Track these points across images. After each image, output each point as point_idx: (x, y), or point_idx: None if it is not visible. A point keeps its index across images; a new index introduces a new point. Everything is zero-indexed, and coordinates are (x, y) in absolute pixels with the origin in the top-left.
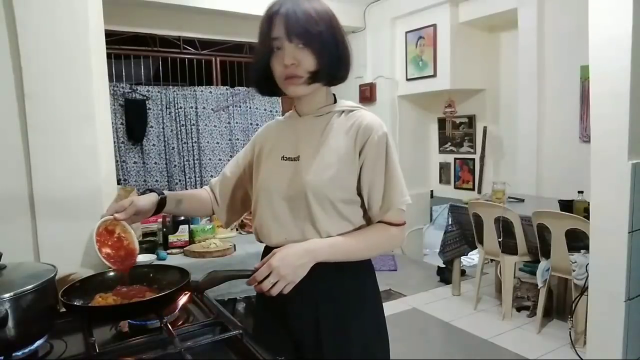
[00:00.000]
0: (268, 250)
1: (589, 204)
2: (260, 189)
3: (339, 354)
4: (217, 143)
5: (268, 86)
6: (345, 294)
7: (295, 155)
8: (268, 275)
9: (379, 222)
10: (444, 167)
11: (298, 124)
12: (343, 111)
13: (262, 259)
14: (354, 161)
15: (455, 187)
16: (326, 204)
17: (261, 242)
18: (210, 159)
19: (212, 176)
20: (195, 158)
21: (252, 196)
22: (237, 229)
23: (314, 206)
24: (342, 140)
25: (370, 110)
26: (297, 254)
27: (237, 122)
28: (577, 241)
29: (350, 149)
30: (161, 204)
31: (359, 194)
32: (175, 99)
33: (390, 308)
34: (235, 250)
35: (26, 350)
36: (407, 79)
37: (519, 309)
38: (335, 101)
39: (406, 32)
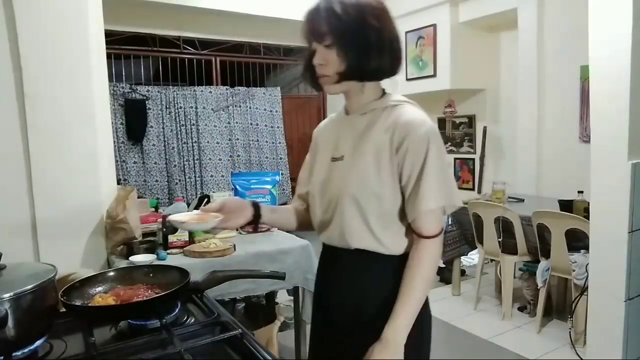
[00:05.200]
0: (325, 247)
1: (589, 204)
2: (311, 189)
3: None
4: (217, 143)
5: (318, 83)
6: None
7: (339, 155)
8: None
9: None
10: None
11: (343, 123)
12: (387, 107)
13: (321, 258)
14: (391, 162)
15: None
16: (354, 212)
17: None
18: (210, 159)
19: (212, 176)
20: (195, 158)
21: None
22: (237, 229)
23: (345, 212)
24: (380, 138)
25: None
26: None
27: (237, 122)
28: (577, 241)
29: (386, 148)
30: (256, 209)
31: (402, 200)
32: (175, 99)
33: None
34: (235, 250)
35: (26, 350)
36: (407, 79)
37: (519, 309)
38: (383, 96)
39: (406, 32)
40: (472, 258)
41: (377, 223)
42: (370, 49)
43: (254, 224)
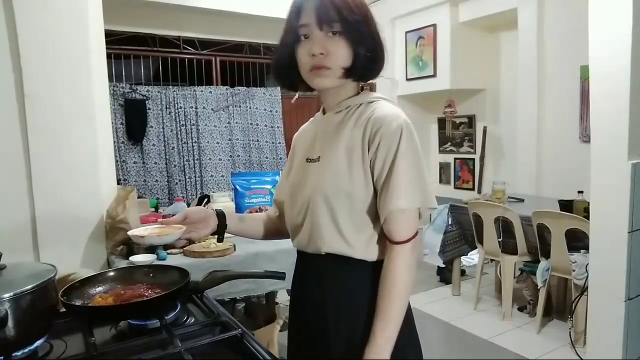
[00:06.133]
0: (299, 254)
1: (589, 204)
2: (285, 193)
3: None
4: (217, 143)
5: (289, 78)
6: (354, 292)
7: (315, 157)
8: None
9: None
10: (444, 167)
11: (319, 123)
12: (361, 104)
13: (296, 264)
14: (363, 159)
15: (455, 187)
16: (325, 212)
17: None
18: (210, 159)
19: (212, 176)
20: (195, 158)
21: None
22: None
23: (316, 213)
24: (353, 135)
25: None
26: None
27: (237, 122)
28: (577, 241)
29: (358, 144)
30: (221, 219)
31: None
32: (175, 99)
33: None
34: (235, 250)
35: (26, 350)
36: (407, 79)
37: (519, 309)
38: (358, 93)
39: (406, 32)
40: (472, 258)
41: (348, 225)
42: (377, 45)
43: (219, 234)
